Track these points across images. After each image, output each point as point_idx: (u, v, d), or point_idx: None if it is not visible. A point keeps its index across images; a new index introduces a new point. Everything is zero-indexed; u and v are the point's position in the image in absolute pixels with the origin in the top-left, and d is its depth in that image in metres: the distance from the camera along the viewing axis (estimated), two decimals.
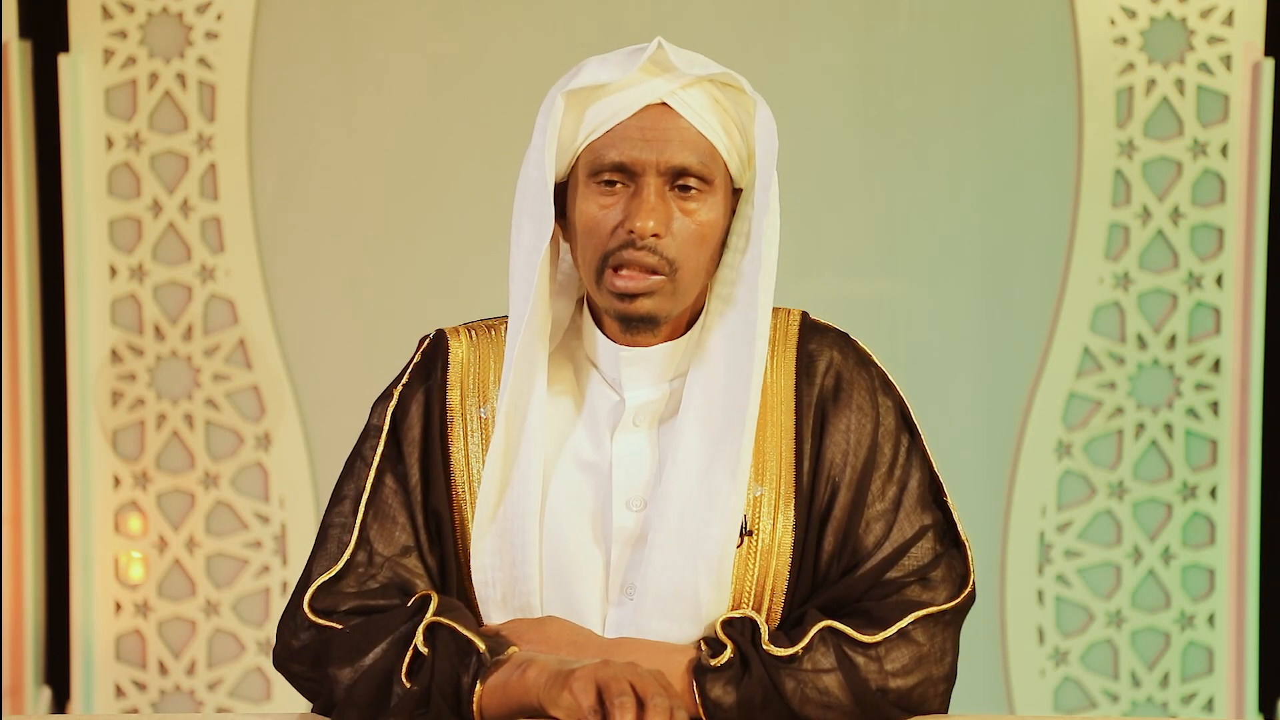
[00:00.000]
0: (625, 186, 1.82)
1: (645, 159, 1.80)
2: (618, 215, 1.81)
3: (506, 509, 1.85)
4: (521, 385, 1.85)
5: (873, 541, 1.87)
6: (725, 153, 1.83)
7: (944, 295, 3.73)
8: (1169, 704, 3.76)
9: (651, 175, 1.80)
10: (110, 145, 3.65)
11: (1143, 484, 3.74)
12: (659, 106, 1.81)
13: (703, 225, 1.82)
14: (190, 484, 3.71)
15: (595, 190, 1.82)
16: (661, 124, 1.80)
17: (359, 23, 3.68)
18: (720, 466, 1.82)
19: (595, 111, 1.81)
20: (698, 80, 1.82)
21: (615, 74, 1.80)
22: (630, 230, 1.79)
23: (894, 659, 1.82)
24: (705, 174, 1.81)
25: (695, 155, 1.81)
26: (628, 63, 1.80)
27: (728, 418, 1.83)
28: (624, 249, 1.80)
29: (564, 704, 1.69)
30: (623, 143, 1.80)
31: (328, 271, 3.71)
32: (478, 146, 3.69)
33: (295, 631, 1.86)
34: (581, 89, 1.81)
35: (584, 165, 1.83)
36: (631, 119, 1.81)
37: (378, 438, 1.92)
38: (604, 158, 1.81)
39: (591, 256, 1.83)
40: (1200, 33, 3.65)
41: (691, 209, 1.82)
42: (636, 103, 1.80)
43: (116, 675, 3.71)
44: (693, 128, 1.81)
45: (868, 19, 3.70)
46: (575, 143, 1.83)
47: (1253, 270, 3.67)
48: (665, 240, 1.80)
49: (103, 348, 3.67)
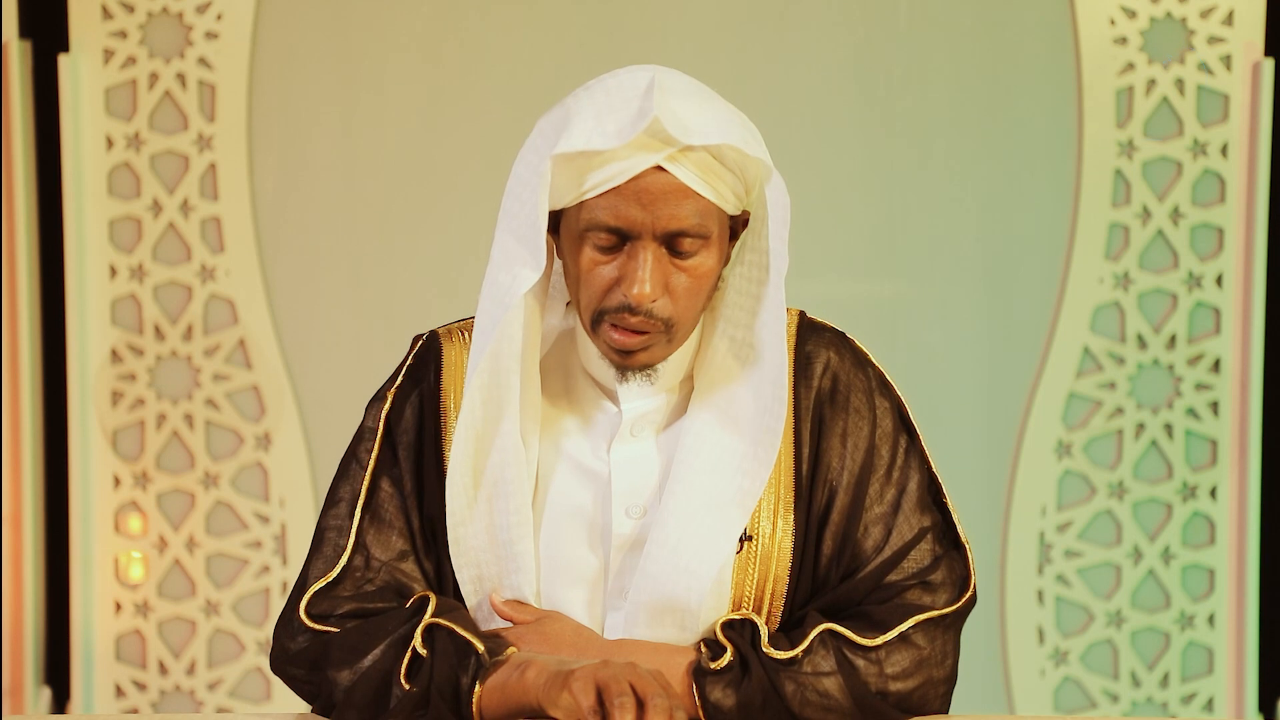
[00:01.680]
0: (620, 245, 1.78)
1: (641, 222, 1.76)
2: (613, 272, 1.78)
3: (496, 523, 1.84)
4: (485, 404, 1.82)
5: (872, 544, 1.86)
6: (721, 202, 1.79)
7: (944, 295, 3.73)
8: (1169, 704, 3.75)
9: (647, 239, 1.76)
10: (110, 145, 3.65)
11: (1143, 484, 3.74)
12: (654, 169, 1.75)
13: (699, 277, 1.80)
14: (190, 484, 3.71)
15: (589, 244, 1.79)
16: (656, 187, 1.75)
17: (359, 23, 3.68)
18: (730, 494, 1.82)
19: (590, 175, 1.76)
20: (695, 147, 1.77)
21: (610, 140, 1.74)
22: (626, 296, 1.77)
23: (894, 662, 1.81)
24: (702, 232, 1.77)
25: (693, 216, 1.77)
26: (624, 129, 1.75)
27: (743, 454, 1.82)
28: (620, 311, 1.78)
29: (564, 704, 1.69)
30: (618, 206, 1.76)
31: (328, 271, 3.71)
32: (478, 146, 3.68)
33: (292, 635, 1.86)
34: (573, 153, 1.75)
35: (581, 218, 1.78)
36: (626, 183, 1.75)
37: (372, 440, 1.91)
38: (599, 219, 1.76)
39: (587, 306, 1.81)
40: (1200, 33, 3.65)
41: (689, 265, 1.79)
42: (631, 170, 1.75)
43: (116, 675, 3.71)
44: (688, 188, 1.76)
45: (867, 19, 3.70)
46: (569, 195, 1.78)
47: (1253, 270, 3.67)
48: (661, 302, 1.78)
49: (103, 348, 3.67)
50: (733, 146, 1.76)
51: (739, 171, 1.80)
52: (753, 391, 1.83)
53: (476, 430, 1.82)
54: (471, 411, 1.81)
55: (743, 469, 1.82)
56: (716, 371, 1.86)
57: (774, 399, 1.81)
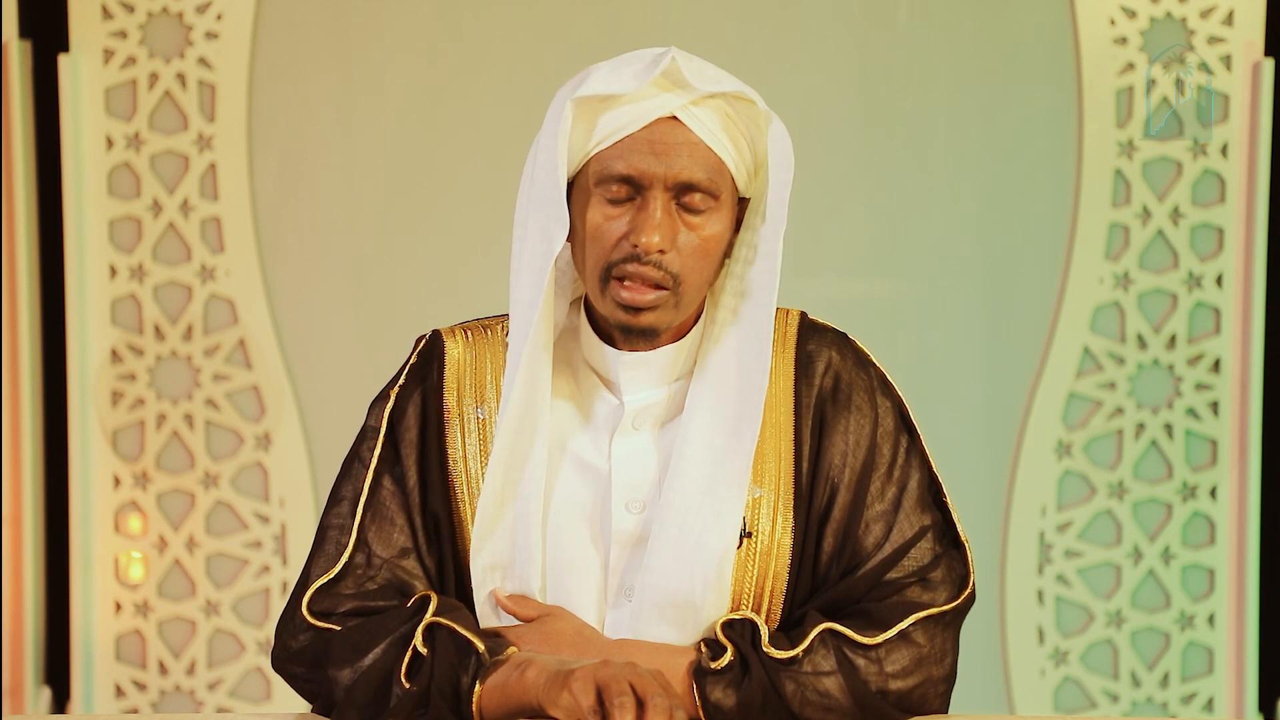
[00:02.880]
0: (631, 198, 1.80)
1: (653, 172, 1.78)
2: (623, 227, 1.80)
3: (512, 514, 1.85)
4: (528, 393, 1.83)
5: (872, 543, 1.87)
6: (733, 166, 1.82)
7: (944, 295, 3.73)
8: (1169, 704, 3.76)
9: (659, 189, 1.79)
10: (110, 145, 3.65)
11: (1143, 484, 3.74)
12: (669, 119, 1.79)
13: (707, 240, 1.81)
14: (190, 484, 3.71)
15: (602, 199, 1.81)
16: (671, 137, 1.79)
17: (359, 23, 3.68)
18: (725, 476, 1.82)
19: (605, 121, 1.80)
20: (709, 95, 1.80)
21: (627, 85, 1.78)
22: (635, 244, 1.78)
23: (894, 661, 1.82)
24: (713, 189, 1.80)
25: (704, 171, 1.79)
26: (640, 74, 1.78)
27: (734, 432, 1.83)
28: (628, 262, 1.79)
29: (563, 704, 1.69)
30: (631, 155, 1.78)
31: (328, 271, 3.71)
32: (478, 146, 3.68)
33: (294, 633, 1.86)
34: (591, 97, 1.79)
35: (591, 173, 1.81)
36: (641, 131, 1.79)
37: (375, 439, 1.91)
38: (612, 169, 1.79)
39: (595, 264, 1.82)
40: (1200, 33, 3.65)
41: (697, 223, 1.80)
42: (647, 116, 1.78)
43: (116, 675, 3.71)
44: (702, 142, 1.79)
45: (867, 19, 3.70)
46: (583, 149, 1.81)
47: (1253, 270, 3.67)
48: (670, 255, 1.80)
49: (103, 348, 3.67)
50: (743, 96, 1.80)
51: (749, 142, 1.82)
52: (738, 365, 1.84)
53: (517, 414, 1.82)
54: (516, 394, 1.81)
55: (731, 448, 1.83)
56: (712, 361, 1.87)
57: (755, 369, 1.82)
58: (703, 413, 1.85)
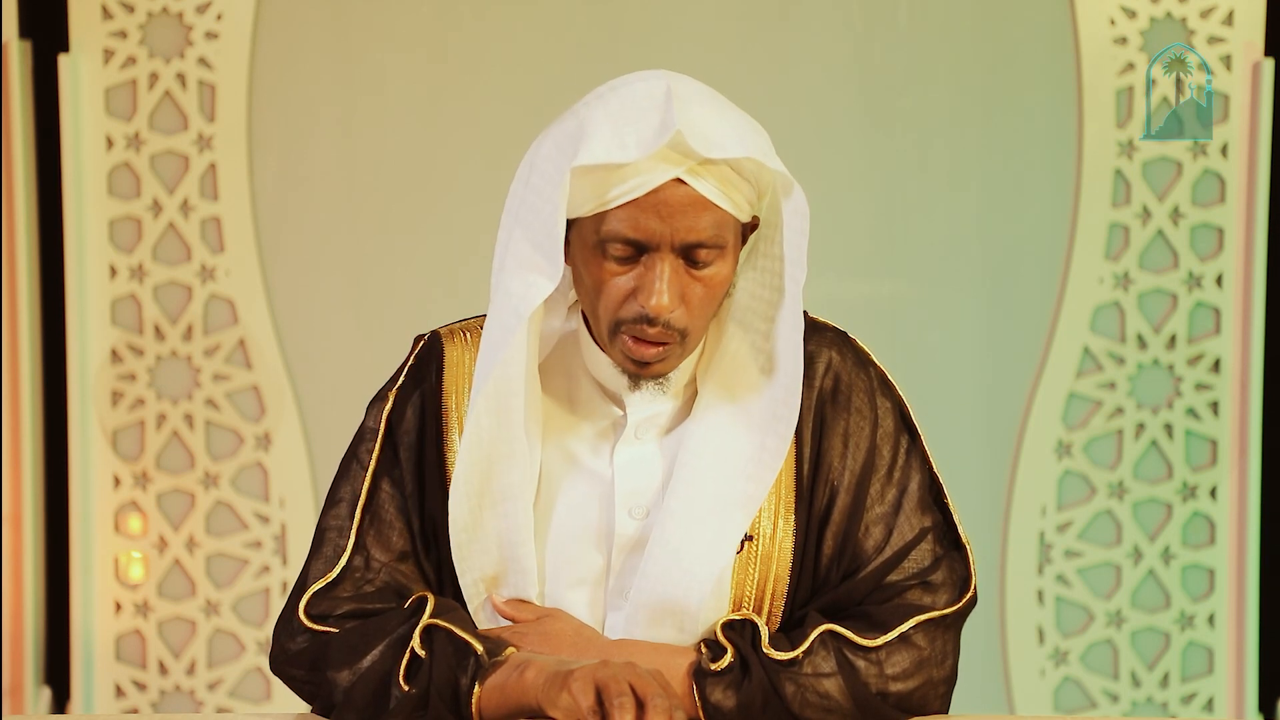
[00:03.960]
0: (637, 256, 1.77)
1: (660, 234, 1.75)
2: (630, 283, 1.77)
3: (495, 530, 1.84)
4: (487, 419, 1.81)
5: (873, 545, 1.86)
6: (738, 211, 1.79)
7: (944, 295, 3.73)
8: (1169, 704, 3.75)
9: (665, 250, 1.76)
10: (110, 145, 3.65)
11: (1143, 484, 3.74)
12: (674, 181, 1.75)
13: (715, 286, 1.79)
14: (190, 484, 3.71)
15: (606, 255, 1.78)
16: (676, 198, 1.75)
17: (359, 23, 3.68)
18: (735, 499, 1.81)
19: (606, 183, 1.75)
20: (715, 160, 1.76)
21: (630, 154, 1.73)
22: (643, 306, 1.76)
23: (895, 663, 1.81)
24: (719, 243, 1.77)
25: (711, 228, 1.76)
26: (645, 142, 1.74)
27: (756, 459, 1.82)
28: (638, 323, 1.77)
29: (563, 705, 1.69)
30: (638, 217, 1.75)
31: (328, 271, 3.71)
32: (478, 146, 3.68)
33: (292, 636, 1.86)
34: (593, 165, 1.74)
35: (595, 229, 1.78)
36: (645, 195, 1.75)
37: (373, 441, 1.91)
38: (618, 230, 1.76)
39: (604, 317, 1.80)
40: (1200, 33, 3.65)
41: (705, 275, 1.78)
42: (651, 182, 1.74)
43: (116, 675, 3.71)
44: (707, 200, 1.76)
45: (868, 19, 3.70)
46: (587, 204, 1.77)
47: (1253, 270, 3.67)
48: (678, 313, 1.78)
49: (103, 348, 3.67)
50: (753, 160, 1.76)
51: (754, 180, 1.79)
52: (763, 397, 1.83)
53: (482, 439, 1.81)
54: (477, 420, 1.80)
55: (747, 473, 1.82)
56: (726, 376, 1.86)
57: (785, 405, 1.81)
58: (717, 430, 1.83)
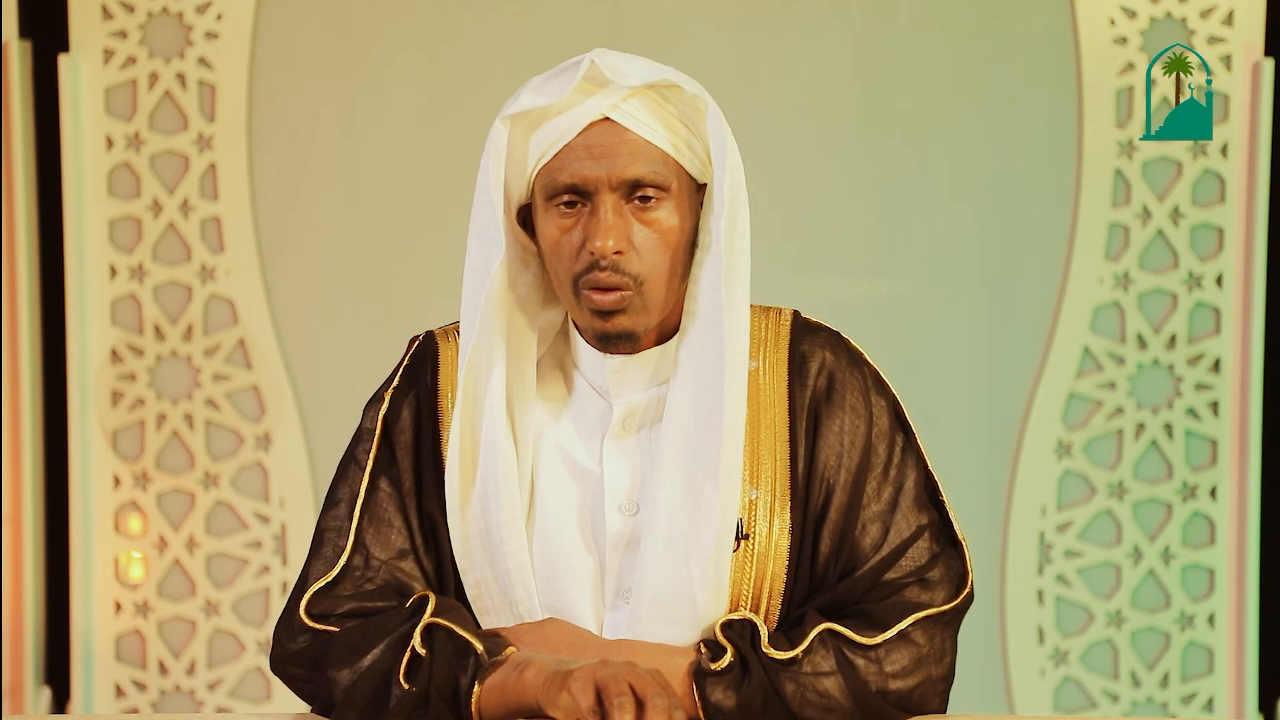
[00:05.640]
0: (582, 206, 1.81)
1: (596, 176, 1.79)
2: (579, 236, 1.80)
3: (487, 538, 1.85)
4: (472, 406, 1.84)
5: (870, 543, 1.87)
6: (678, 154, 1.81)
7: (944, 295, 3.73)
8: (1169, 704, 3.76)
9: (605, 192, 1.79)
10: (110, 145, 3.65)
11: (1143, 484, 3.74)
12: (602, 122, 1.79)
13: (665, 233, 1.81)
14: (190, 484, 3.71)
15: (554, 213, 1.81)
16: (607, 139, 1.79)
17: (359, 23, 3.68)
18: (701, 469, 1.82)
19: (541, 135, 1.81)
20: (636, 90, 1.80)
21: (554, 95, 1.79)
22: (591, 251, 1.79)
23: (894, 661, 1.82)
24: (659, 181, 1.80)
25: (646, 165, 1.79)
26: (564, 83, 1.79)
27: (704, 423, 1.82)
28: (590, 271, 1.80)
29: (562, 704, 1.69)
30: (572, 163, 1.79)
31: (328, 271, 3.71)
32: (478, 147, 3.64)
33: (292, 635, 1.86)
34: (522, 113, 1.81)
35: (539, 189, 1.82)
36: (577, 138, 1.79)
37: (370, 441, 1.92)
38: (556, 180, 1.80)
39: (563, 279, 1.83)
40: (1200, 33, 3.65)
41: (651, 219, 1.80)
42: (579, 122, 1.79)
43: (116, 675, 3.71)
44: (640, 137, 1.79)
45: (868, 19, 3.70)
46: (527, 169, 1.82)
47: (1253, 270, 3.67)
48: (628, 255, 1.80)
49: (103, 348, 3.67)
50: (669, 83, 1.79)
51: (692, 126, 1.81)
52: (710, 360, 1.83)
53: (467, 431, 1.83)
54: (462, 413, 1.83)
55: (704, 439, 1.82)
56: (689, 356, 1.86)
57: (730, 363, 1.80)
58: (675, 410, 1.84)
